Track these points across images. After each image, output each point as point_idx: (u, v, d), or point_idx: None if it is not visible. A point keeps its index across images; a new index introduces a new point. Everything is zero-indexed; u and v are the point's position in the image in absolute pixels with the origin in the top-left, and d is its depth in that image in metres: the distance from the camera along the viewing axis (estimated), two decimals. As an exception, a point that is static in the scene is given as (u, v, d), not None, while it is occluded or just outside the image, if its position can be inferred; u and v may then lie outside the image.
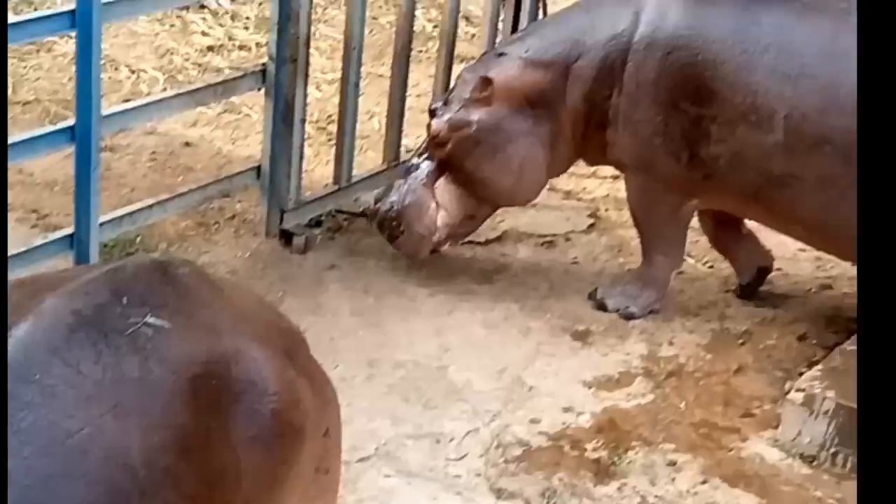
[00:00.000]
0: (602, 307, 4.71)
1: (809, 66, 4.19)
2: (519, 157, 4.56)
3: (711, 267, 5.09)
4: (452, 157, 4.58)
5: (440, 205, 4.62)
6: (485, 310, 4.68)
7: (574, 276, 4.95)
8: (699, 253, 5.16)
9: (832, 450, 3.96)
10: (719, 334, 4.66)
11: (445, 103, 4.63)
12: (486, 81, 4.51)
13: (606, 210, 5.44)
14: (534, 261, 5.03)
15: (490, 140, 4.53)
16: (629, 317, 4.67)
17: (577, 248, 5.12)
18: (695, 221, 5.31)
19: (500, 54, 4.66)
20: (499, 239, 5.15)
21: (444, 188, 4.61)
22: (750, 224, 4.80)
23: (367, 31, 5.07)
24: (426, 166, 4.61)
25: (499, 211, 5.28)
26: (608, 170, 5.63)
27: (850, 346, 4.25)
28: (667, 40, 4.33)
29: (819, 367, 4.16)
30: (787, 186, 4.28)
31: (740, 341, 4.63)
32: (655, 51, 4.34)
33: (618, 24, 4.43)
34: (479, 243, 5.09)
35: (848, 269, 5.06)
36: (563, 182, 5.62)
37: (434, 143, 4.59)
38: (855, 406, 3.92)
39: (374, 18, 6.81)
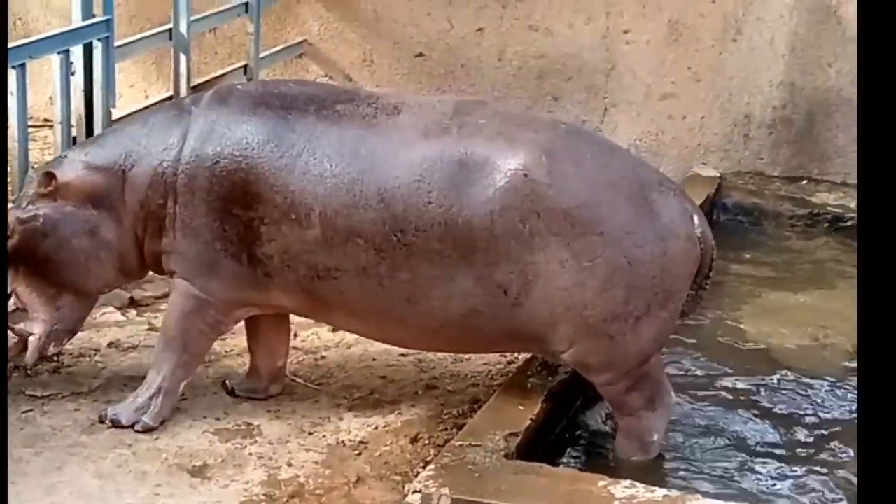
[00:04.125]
0: (117, 425, 4.73)
1: (334, 166, 4.54)
2: (84, 252, 4.76)
3: (320, 384, 5.16)
4: (21, 250, 4.73)
5: (28, 308, 4.80)
6: (96, 460, 4.56)
7: (186, 414, 4.89)
8: (306, 372, 5.23)
9: (455, 544, 4.07)
10: (335, 448, 4.72)
11: (15, 203, 4.82)
12: (50, 176, 4.74)
13: (210, 342, 5.43)
14: (142, 403, 4.95)
15: (56, 233, 4.73)
16: (147, 429, 4.72)
17: (185, 386, 5.06)
18: (326, 340, 5.41)
19: (63, 156, 4.91)
20: (102, 387, 5.04)
21: (22, 289, 4.79)
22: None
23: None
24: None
25: (98, 357, 5.22)
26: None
27: (459, 441, 4.41)
28: (214, 150, 4.63)
29: (432, 466, 4.27)
30: (333, 279, 4.58)
31: (356, 452, 4.71)
32: (205, 161, 4.63)
33: (169, 135, 4.71)
34: (81, 393, 4.97)
35: (449, 367, 5.27)
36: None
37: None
38: (469, 499, 4.06)
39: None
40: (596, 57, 7.47)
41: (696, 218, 4.52)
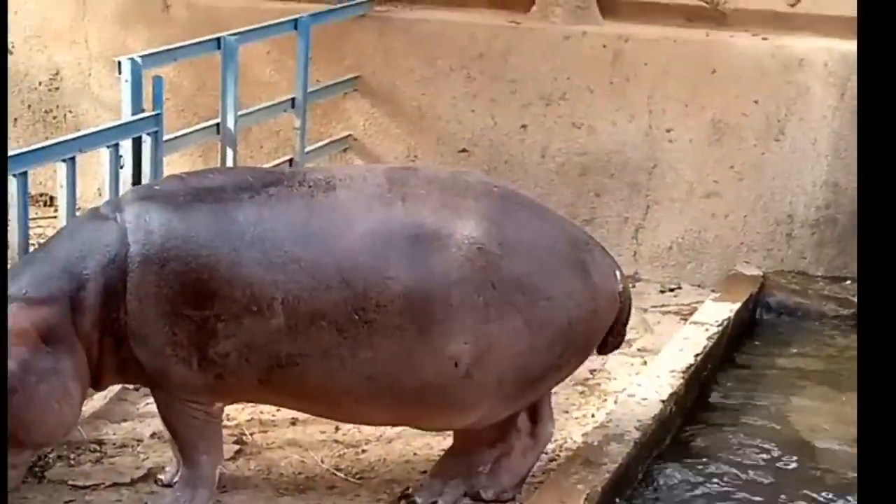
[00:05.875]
0: None
1: (291, 251, 4.48)
2: (56, 396, 4.43)
3: (361, 479, 5.14)
4: None
5: None
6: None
7: (226, 506, 4.89)
8: (347, 466, 5.21)
9: None
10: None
11: None
12: None
13: (252, 434, 5.43)
14: (183, 495, 4.94)
15: (21, 385, 4.32)
16: None
17: (226, 478, 5.06)
18: (367, 433, 5.39)
19: None
20: (144, 478, 5.03)
21: None
22: None
23: None
24: None
25: (141, 448, 5.22)
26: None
27: None
28: (158, 254, 4.47)
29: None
30: (295, 365, 4.53)
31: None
32: (150, 266, 4.47)
33: (107, 248, 4.49)
34: (122, 484, 4.96)
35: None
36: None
37: None
38: None
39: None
40: (638, 154, 7.50)
41: (617, 274, 4.74)
